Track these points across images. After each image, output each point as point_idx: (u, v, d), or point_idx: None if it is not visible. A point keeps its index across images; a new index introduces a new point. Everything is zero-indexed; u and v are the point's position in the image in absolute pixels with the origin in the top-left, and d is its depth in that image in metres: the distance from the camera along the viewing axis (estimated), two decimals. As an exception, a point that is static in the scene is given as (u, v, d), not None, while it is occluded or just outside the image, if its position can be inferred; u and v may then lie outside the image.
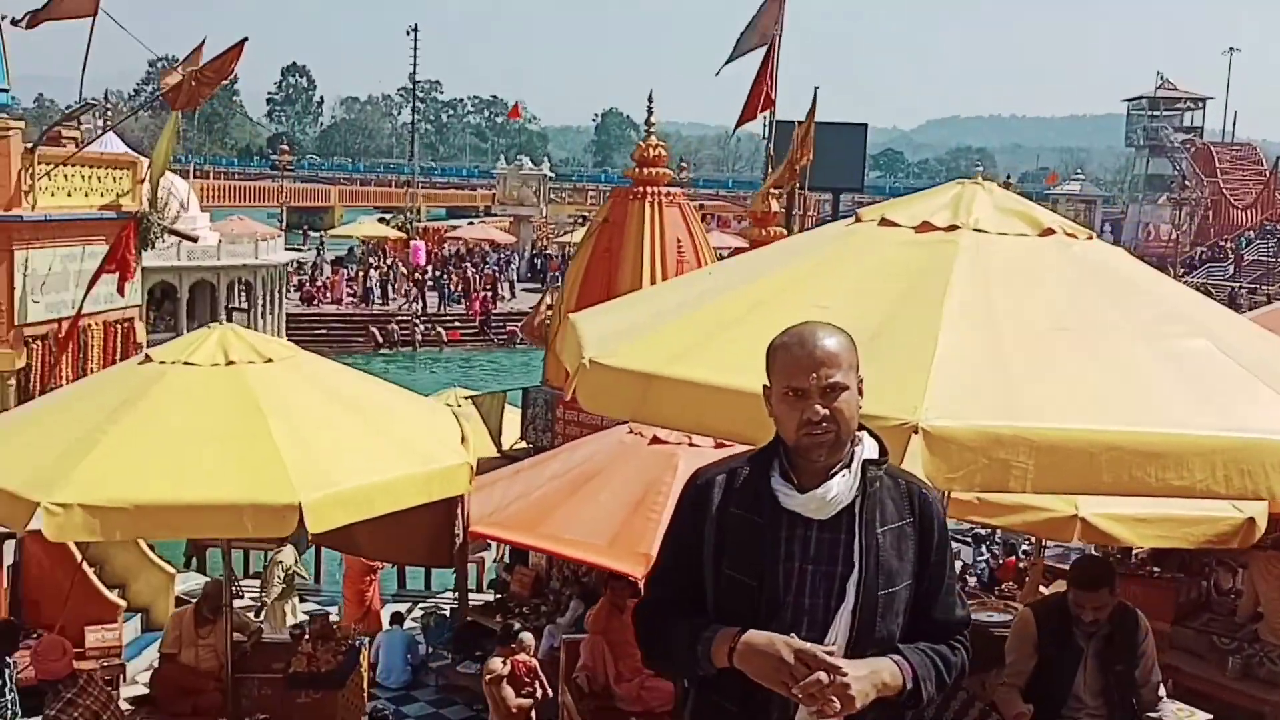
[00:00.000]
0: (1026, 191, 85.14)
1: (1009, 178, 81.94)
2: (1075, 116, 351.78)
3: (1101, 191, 76.65)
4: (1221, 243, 57.59)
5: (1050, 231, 4.41)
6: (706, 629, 2.80)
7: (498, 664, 8.70)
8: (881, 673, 2.73)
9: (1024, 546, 14.27)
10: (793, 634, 2.69)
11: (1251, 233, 57.71)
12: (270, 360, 7.02)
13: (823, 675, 2.61)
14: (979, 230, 4.36)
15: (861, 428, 2.87)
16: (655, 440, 7.70)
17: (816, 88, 16.01)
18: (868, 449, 2.85)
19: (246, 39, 12.79)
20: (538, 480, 7.98)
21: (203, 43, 13.75)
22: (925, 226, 4.44)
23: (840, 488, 2.77)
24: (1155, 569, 10.52)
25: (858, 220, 4.83)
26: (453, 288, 47.40)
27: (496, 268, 52.07)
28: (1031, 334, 3.90)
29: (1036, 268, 4.26)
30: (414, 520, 7.56)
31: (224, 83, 13.01)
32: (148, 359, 7.06)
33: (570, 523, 7.32)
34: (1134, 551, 10.46)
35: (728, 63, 18.95)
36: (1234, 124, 77.67)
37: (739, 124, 19.29)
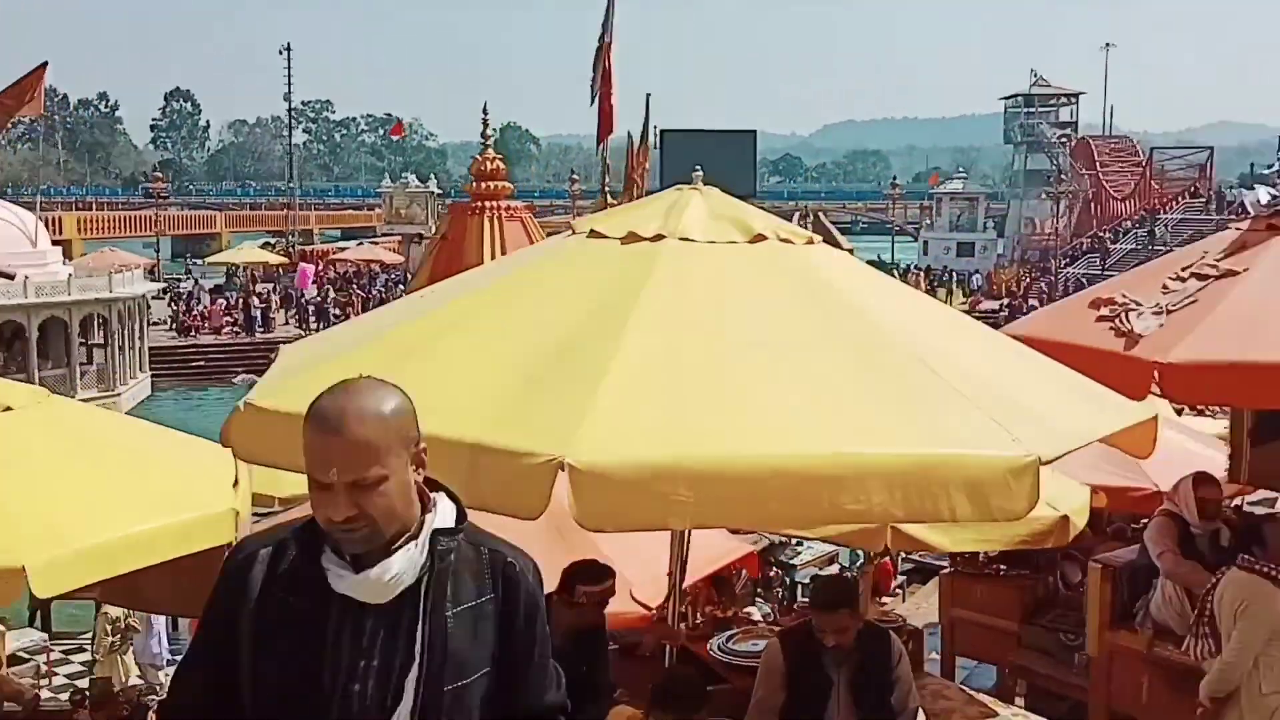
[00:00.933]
0: (918, 192, 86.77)
1: (895, 179, 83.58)
2: (966, 116, 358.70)
3: (985, 189, 78.24)
4: (1101, 234, 59.04)
5: (762, 238, 4.11)
6: None
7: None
8: None
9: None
10: None
11: (1129, 223, 59.32)
12: (9, 409, 6.45)
13: None
14: (685, 239, 4.05)
15: (438, 487, 2.44)
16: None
17: (649, 95, 15.76)
18: (441, 515, 2.40)
19: (46, 63, 12.16)
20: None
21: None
22: (631, 237, 4.11)
23: (402, 565, 2.30)
24: (1002, 567, 10.32)
25: (572, 232, 4.49)
26: (339, 311, 46.49)
27: (384, 288, 51.24)
28: (719, 352, 3.56)
29: (739, 278, 3.94)
30: (208, 569, 7.06)
31: (26, 110, 12.32)
32: None
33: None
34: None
35: (593, 90, 18.56)
36: (1111, 117, 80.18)
37: (600, 140, 19.05)
